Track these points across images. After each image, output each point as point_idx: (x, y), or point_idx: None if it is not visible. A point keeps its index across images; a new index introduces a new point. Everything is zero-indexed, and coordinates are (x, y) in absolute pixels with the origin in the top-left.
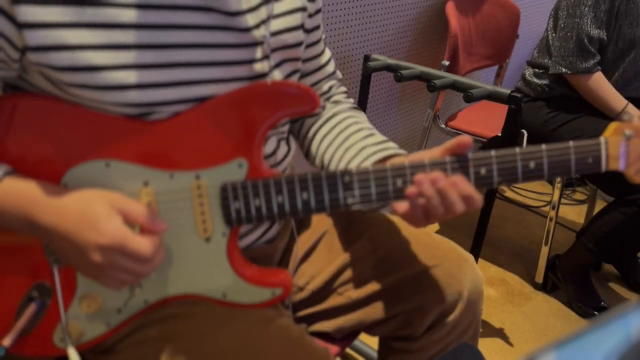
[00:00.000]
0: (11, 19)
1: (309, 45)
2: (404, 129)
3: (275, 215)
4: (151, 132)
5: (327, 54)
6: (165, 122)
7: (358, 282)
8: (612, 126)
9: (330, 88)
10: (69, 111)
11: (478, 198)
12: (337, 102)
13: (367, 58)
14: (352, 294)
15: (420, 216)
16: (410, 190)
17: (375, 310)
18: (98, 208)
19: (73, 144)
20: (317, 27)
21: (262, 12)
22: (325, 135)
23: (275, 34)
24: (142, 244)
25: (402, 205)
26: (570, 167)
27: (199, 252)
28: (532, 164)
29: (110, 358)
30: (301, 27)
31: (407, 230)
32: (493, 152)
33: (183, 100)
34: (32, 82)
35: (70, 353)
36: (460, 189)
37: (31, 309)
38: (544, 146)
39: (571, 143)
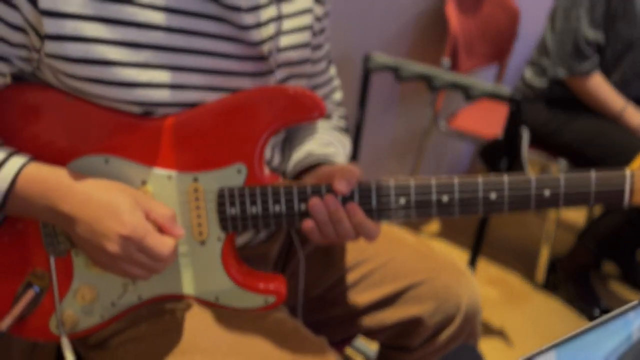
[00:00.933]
0: (34, 4)
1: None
2: (404, 128)
3: (271, 224)
4: (153, 130)
5: (327, 75)
6: (167, 121)
7: (356, 291)
8: None
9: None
10: (71, 104)
11: (372, 228)
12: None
13: (366, 57)
14: (350, 303)
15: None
16: (308, 222)
17: (372, 321)
18: (123, 200)
19: (74, 138)
20: (319, 47)
21: (271, 28)
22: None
23: (282, 50)
24: (161, 242)
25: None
26: (589, 200)
27: (193, 254)
28: (547, 193)
29: (105, 354)
30: (308, 45)
31: (406, 241)
32: (505, 177)
33: (186, 104)
34: (42, 79)
35: (63, 342)
36: (353, 219)
37: (29, 295)
38: (562, 175)
39: (592, 174)
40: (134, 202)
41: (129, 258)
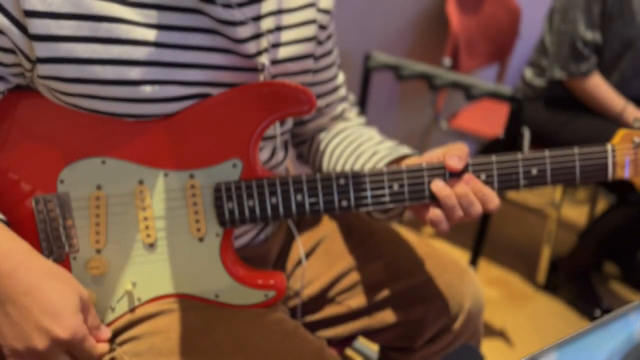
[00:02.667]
0: (24, 30)
1: (320, 70)
2: (405, 127)
3: (269, 217)
4: (147, 131)
5: (340, 78)
6: (161, 121)
7: (357, 291)
8: (621, 133)
9: (343, 110)
10: (66, 109)
11: (495, 200)
12: (348, 120)
13: (367, 56)
14: (351, 302)
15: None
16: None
17: (374, 320)
18: (69, 300)
19: (70, 141)
20: (328, 53)
21: (264, 42)
22: (335, 148)
23: (279, 62)
24: (95, 347)
25: (439, 185)
26: (574, 175)
27: (192, 251)
28: (534, 171)
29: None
30: (310, 56)
31: (408, 240)
32: (494, 157)
33: None
34: (37, 91)
35: None
36: (477, 189)
37: None
38: (547, 152)
39: (576, 150)
40: (78, 305)
41: (49, 357)
